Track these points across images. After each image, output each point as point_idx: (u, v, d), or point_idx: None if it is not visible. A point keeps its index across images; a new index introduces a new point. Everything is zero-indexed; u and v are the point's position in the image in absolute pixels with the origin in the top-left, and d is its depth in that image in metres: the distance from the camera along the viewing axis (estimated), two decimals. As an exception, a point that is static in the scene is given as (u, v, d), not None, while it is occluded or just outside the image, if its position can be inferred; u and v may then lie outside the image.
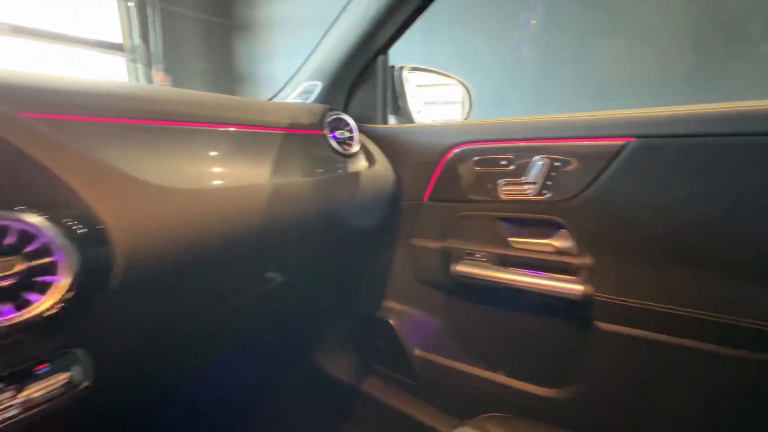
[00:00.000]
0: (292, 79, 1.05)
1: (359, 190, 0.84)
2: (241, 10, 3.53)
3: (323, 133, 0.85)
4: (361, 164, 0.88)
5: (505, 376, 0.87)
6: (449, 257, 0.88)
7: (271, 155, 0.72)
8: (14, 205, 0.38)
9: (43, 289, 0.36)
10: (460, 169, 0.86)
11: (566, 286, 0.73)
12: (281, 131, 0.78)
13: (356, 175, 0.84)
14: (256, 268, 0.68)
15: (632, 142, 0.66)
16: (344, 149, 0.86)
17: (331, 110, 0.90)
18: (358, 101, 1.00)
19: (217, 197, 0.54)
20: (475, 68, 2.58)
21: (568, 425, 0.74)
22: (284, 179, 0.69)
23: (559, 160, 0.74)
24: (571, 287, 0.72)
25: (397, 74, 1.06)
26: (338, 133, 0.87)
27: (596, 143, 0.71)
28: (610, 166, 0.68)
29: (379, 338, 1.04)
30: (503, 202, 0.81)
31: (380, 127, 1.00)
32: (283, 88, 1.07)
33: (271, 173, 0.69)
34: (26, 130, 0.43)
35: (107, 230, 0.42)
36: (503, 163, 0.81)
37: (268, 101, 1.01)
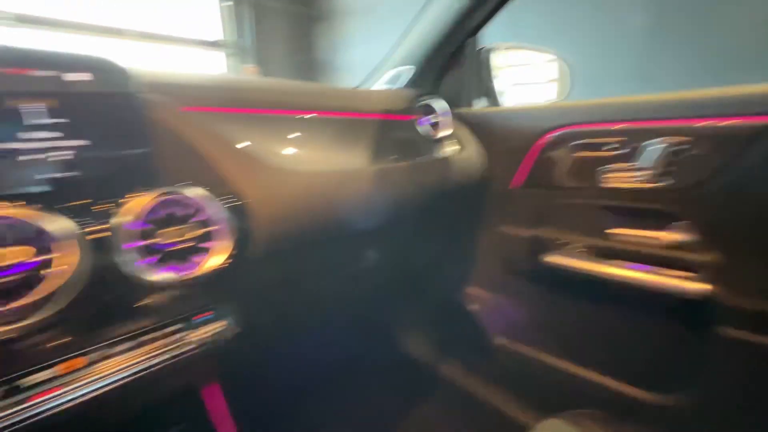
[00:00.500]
0: (380, 65, 1.07)
1: (449, 175, 0.84)
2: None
3: (414, 118, 0.87)
4: (451, 149, 0.88)
5: (598, 373, 0.83)
6: (540, 246, 0.85)
7: (367, 140, 0.76)
8: (182, 182, 0.46)
9: (209, 251, 0.44)
10: (556, 154, 0.81)
11: (683, 284, 0.66)
12: (376, 117, 0.81)
13: (446, 160, 0.85)
14: (355, 247, 0.73)
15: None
16: (435, 134, 0.86)
17: (422, 95, 0.91)
18: (448, 85, 1.00)
19: (327, 180, 0.60)
20: (570, 41, 2.32)
21: (675, 434, 0.68)
22: (380, 164, 0.73)
23: (681, 143, 0.66)
24: (689, 286, 0.65)
25: (486, 55, 1.03)
26: (429, 118, 0.88)
27: (730, 123, 0.62)
28: (749, 149, 0.59)
29: (460, 323, 1.06)
30: (606, 189, 0.75)
31: (470, 110, 0.99)
32: (370, 75, 1.11)
33: (368, 158, 0.73)
34: (187, 121, 0.51)
35: (250, 205, 0.49)
36: (608, 147, 0.75)
37: (362, 89, 1.05)
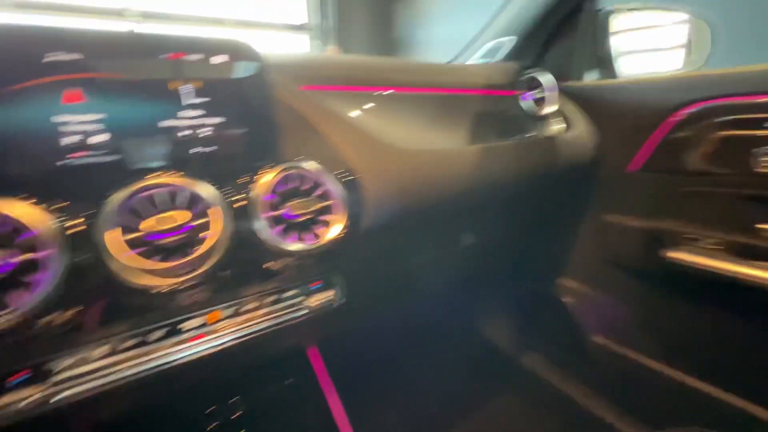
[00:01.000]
0: (476, 38, 1.01)
1: (553, 156, 0.77)
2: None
3: (516, 93, 0.80)
4: (557, 127, 0.80)
5: (713, 386, 0.72)
6: (660, 240, 0.74)
7: (468, 118, 0.72)
8: (301, 157, 0.49)
9: (328, 224, 0.47)
10: (692, 132, 0.69)
11: None
12: (476, 93, 0.77)
13: (551, 140, 0.77)
14: (452, 226, 0.72)
15: None
16: (539, 111, 0.79)
17: (525, 68, 0.83)
18: (554, 56, 0.90)
19: (432, 158, 0.58)
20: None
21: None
22: (480, 143, 0.69)
23: None
24: None
25: (604, 18, 0.90)
26: (532, 93, 0.81)
27: None
28: None
29: (548, 315, 0.99)
30: (760, 176, 0.62)
31: (581, 84, 0.89)
32: (465, 48, 1.05)
33: (468, 136, 0.70)
34: (304, 99, 0.53)
35: (363, 181, 0.50)
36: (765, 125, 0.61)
37: (460, 64, 1.01)
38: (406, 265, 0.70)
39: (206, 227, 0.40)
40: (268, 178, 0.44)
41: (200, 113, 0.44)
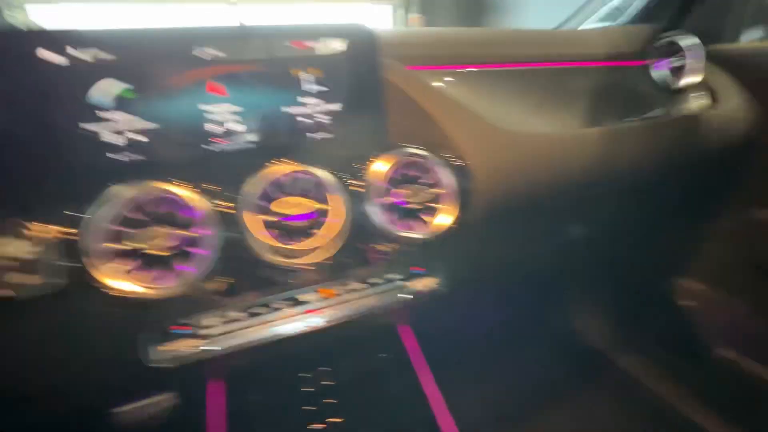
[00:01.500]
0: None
1: (692, 138, 0.65)
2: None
3: (646, 63, 0.69)
4: (698, 103, 0.67)
5: None
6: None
7: (587, 95, 0.64)
8: (411, 143, 0.48)
9: (438, 212, 0.46)
10: None
11: None
12: (596, 65, 0.67)
13: (690, 119, 0.65)
14: (565, 217, 0.67)
15: None
16: (675, 83, 0.67)
17: (662, 31, 0.70)
18: (701, 14, 0.74)
19: (550, 143, 0.54)
20: None
21: None
22: (601, 124, 0.61)
23: None
24: None
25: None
26: (668, 61, 0.68)
27: None
28: None
29: (657, 316, 0.89)
30: None
31: (737, 48, 0.72)
32: (578, 12, 0.92)
33: (586, 117, 0.62)
34: (414, 81, 0.52)
35: (474, 168, 0.48)
36: None
37: (575, 30, 0.89)
38: (509, 255, 0.67)
39: (327, 212, 0.42)
40: (382, 166, 0.45)
41: (320, 99, 0.46)
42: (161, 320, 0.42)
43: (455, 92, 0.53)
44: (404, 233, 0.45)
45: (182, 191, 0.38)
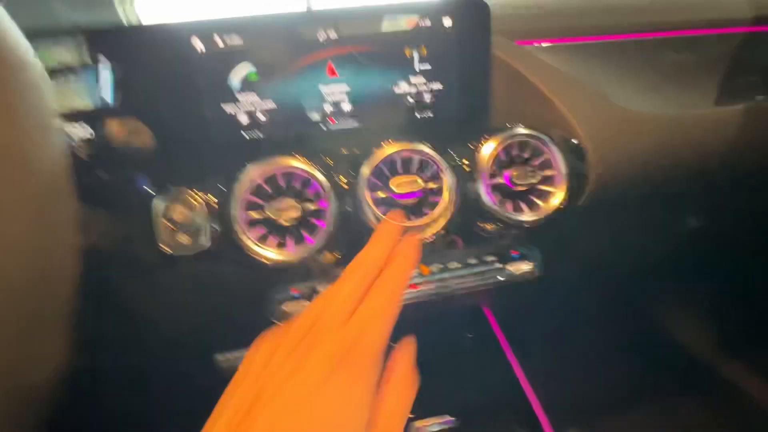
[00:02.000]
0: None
1: None
2: None
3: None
4: None
5: None
6: None
7: (722, 67, 0.56)
8: (520, 121, 0.46)
9: (547, 195, 0.45)
10: None
11: None
12: (736, 31, 0.58)
13: None
14: (683, 206, 0.61)
15: None
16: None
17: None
18: None
19: (678, 124, 0.48)
20: None
21: None
22: (739, 101, 0.53)
23: None
24: None
25: None
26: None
27: None
28: None
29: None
30: None
31: None
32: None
33: (720, 93, 0.54)
34: (523, 55, 0.49)
35: (586, 148, 0.45)
36: None
37: None
38: (614, 245, 0.63)
39: (436, 191, 0.43)
40: (490, 146, 0.44)
41: (431, 78, 0.46)
42: (283, 283, 0.47)
43: (568, 68, 0.50)
44: (509, 215, 0.44)
45: (306, 166, 0.41)
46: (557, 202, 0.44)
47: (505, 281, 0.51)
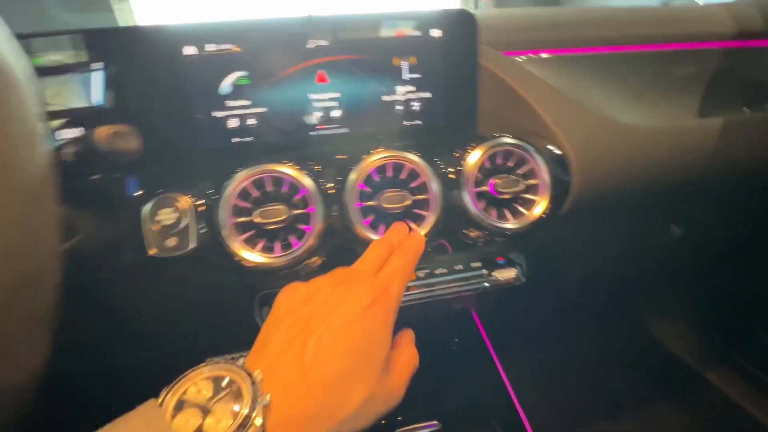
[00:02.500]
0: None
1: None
2: None
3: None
4: None
5: None
6: None
7: (705, 81, 0.57)
8: (505, 131, 0.47)
9: (531, 203, 0.46)
10: None
11: None
12: (720, 46, 0.59)
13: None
14: (666, 215, 0.62)
15: None
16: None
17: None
18: None
19: (663, 136, 0.49)
20: None
21: None
22: (724, 115, 0.54)
23: None
24: None
25: None
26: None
27: None
28: None
29: (760, 333, 0.79)
30: None
31: None
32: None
33: (704, 106, 0.56)
34: (511, 67, 0.51)
35: (569, 158, 0.46)
36: None
37: (694, 5, 0.80)
38: (596, 252, 0.64)
39: (424, 202, 0.44)
40: (476, 154, 0.45)
41: (418, 87, 0.47)
42: (267, 287, 0.47)
43: (553, 79, 0.51)
44: (492, 222, 0.45)
45: (293, 172, 0.42)
46: (540, 210, 0.45)
47: (490, 287, 0.52)
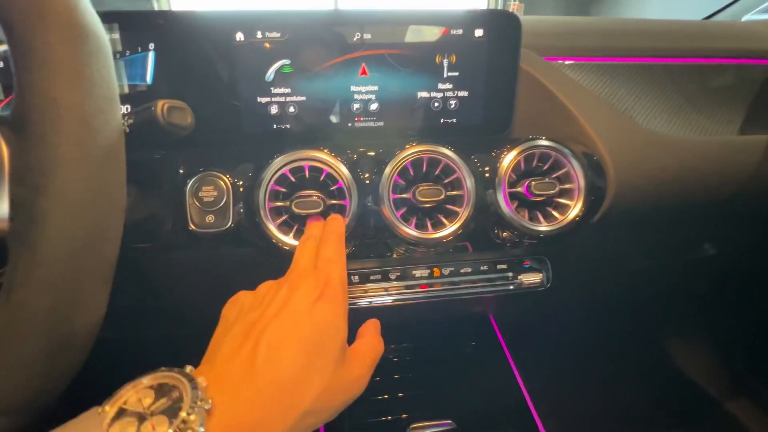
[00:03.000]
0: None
1: None
2: None
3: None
4: None
5: None
6: None
7: (749, 96, 0.56)
8: (542, 135, 0.47)
9: (564, 208, 0.46)
10: None
11: None
12: (763, 63, 0.58)
13: None
14: (698, 231, 0.61)
15: None
16: None
17: None
18: None
19: (703, 149, 0.49)
20: None
21: None
22: (765, 135, 0.53)
23: None
24: None
25: None
26: None
27: None
28: None
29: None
30: None
31: None
32: (730, 3, 0.80)
33: (746, 122, 0.55)
34: (551, 72, 0.50)
35: (606, 164, 0.46)
36: None
37: (738, 22, 0.78)
38: (622, 264, 0.63)
39: (457, 198, 0.44)
40: (512, 155, 0.45)
41: (454, 85, 0.48)
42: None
43: (593, 86, 0.51)
44: (524, 224, 0.45)
45: (331, 160, 0.43)
46: (573, 215, 0.45)
47: (514, 290, 0.52)
